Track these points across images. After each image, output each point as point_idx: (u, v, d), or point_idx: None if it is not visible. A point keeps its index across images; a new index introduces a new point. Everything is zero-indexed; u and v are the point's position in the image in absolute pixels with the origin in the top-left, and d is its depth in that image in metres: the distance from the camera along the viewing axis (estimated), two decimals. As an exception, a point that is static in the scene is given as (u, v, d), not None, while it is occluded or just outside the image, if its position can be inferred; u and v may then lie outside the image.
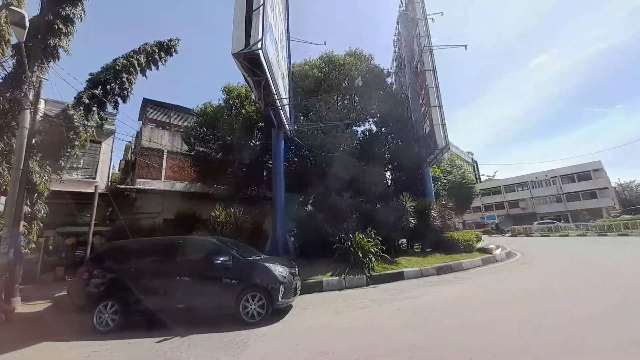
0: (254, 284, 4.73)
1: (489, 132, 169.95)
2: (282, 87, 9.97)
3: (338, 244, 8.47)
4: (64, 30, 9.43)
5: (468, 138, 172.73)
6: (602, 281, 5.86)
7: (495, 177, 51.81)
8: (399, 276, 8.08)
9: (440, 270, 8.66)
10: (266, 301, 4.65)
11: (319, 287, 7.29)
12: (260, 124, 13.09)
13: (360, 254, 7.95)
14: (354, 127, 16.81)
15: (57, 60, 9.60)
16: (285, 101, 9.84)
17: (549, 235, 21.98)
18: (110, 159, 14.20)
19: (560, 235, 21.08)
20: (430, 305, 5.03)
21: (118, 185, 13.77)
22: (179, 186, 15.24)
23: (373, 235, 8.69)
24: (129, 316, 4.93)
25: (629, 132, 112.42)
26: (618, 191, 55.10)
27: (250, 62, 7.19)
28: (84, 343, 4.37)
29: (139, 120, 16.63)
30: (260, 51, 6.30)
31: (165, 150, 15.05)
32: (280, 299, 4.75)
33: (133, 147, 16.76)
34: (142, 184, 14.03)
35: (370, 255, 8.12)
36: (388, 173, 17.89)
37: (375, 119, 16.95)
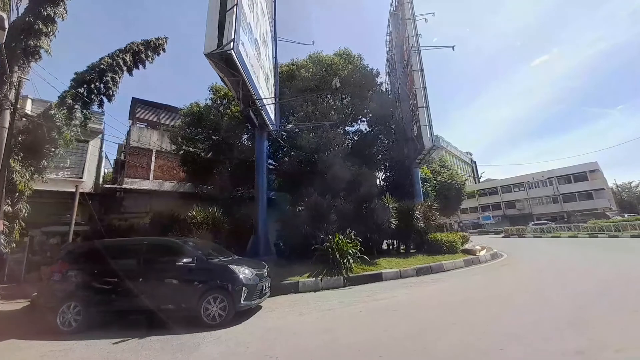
0: (216, 286, 4.73)
1: (489, 133, 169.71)
2: (264, 87, 9.94)
3: (317, 245, 8.45)
4: (45, 30, 9.40)
5: (468, 138, 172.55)
6: (572, 285, 5.82)
7: (481, 178, 51.93)
8: (377, 277, 8.07)
9: (419, 272, 8.65)
10: (228, 303, 4.64)
11: (294, 289, 7.28)
12: (249, 124, 13.08)
13: (337, 255, 7.93)
14: (347, 128, 16.83)
15: (38, 60, 9.60)
16: (267, 101, 9.82)
17: (541, 236, 21.93)
18: (99, 158, 14.19)
19: (552, 237, 21.03)
20: (392, 307, 5.02)
21: (105, 185, 13.78)
22: (167, 186, 15.25)
23: (353, 237, 8.67)
24: (92, 317, 4.94)
25: (630, 133, 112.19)
26: (616, 192, 54.98)
27: (227, 62, 7.17)
28: (45, 342, 4.42)
29: (129, 119, 16.65)
30: (232, 51, 6.28)
31: (154, 150, 15.05)
32: (242, 301, 4.73)
33: (124, 146, 16.78)
34: (129, 183, 14.04)
35: (349, 257, 8.10)
36: (381, 174, 17.91)
37: (366, 119, 16.95)
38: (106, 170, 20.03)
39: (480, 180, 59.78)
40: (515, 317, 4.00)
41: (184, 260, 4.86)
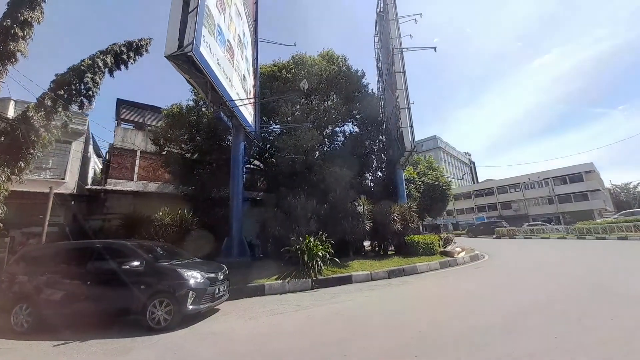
0: (163, 290, 4.72)
1: (490, 133, 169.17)
2: (239, 88, 9.94)
3: (287, 247, 8.45)
4: (21, 34, 9.44)
5: (468, 138, 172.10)
6: (534, 290, 5.73)
7: (463, 179, 52.30)
8: (347, 280, 8.04)
9: (391, 274, 8.62)
10: (173, 307, 4.64)
11: (261, 291, 7.27)
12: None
13: (305, 258, 7.92)
14: (336, 129, 16.80)
15: (15, 63, 9.64)
16: (244, 102, 9.82)
17: (531, 238, 21.84)
18: (82, 159, 14.22)
19: (541, 238, 20.93)
20: (342, 311, 5.01)
21: (86, 187, 13.81)
22: (152, 187, 15.26)
23: (324, 239, 8.66)
24: (43, 318, 4.95)
25: (631, 134, 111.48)
26: (614, 193, 54.66)
27: (194, 65, 7.17)
28: (-3, 341, 4.48)
29: (115, 120, 16.67)
30: (192, 53, 6.27)
31: (138, 151, 15.07)
32: (189, 306, 4.72)
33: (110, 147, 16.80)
34: (113, 184, 14.07)
35: (318, 259, 8.09)
36: (368, 175, 17.88)
37: (353, 120, 16.93)
38: (95, 171, 20.10)
39: (479, 181, 59.71)
40: (454, 323, 3.98)
41: (132, 263, 4.86)
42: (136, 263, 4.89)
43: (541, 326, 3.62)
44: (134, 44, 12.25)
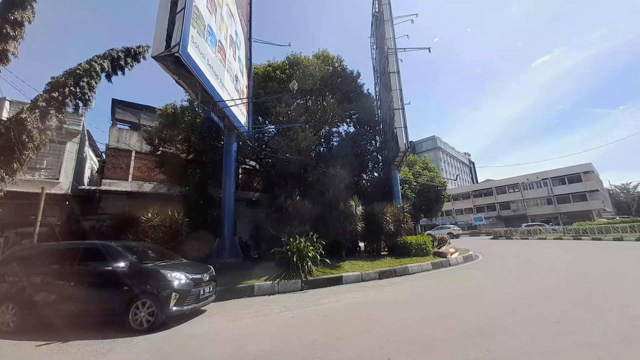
0: (145, 291, 4.72)
1: (489, 133, 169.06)
2: (231, 89, 9.94)
3: (277, 248, 8.45)
4: (12, 34, 9.46)
5: (468, 138, 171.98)
6: (519, 292, 5.73)
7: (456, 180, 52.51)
8: (337, 281, 8.03)
9: (382, 275, 8.61)
10: (156, 308, 4.63)
11: (250, 292, 7.27)
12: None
13: (295, 259, 7.92)
14: (333, 129, 16.79)
15: (6, 64, 9.65)
16: (236, 103, 9.83)
17: (528, 238, 21.82)
18: (77, 159, 14.24)
19: (538, 238, 20.90)
20: (326, 312, 5.01)
21: (81, 187, 13.83)
22: (147, 187, 15.28)
23: (315, 239, 8.65)
24: (28, 319, 4.96)
25: (631, 134, 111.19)
26: (613, 193, 54.57)
27: (183, 65, 7.16)
28: (-18, 340, 4.52)
29: (111, 121, 16.69)
30: (179, 53, 6.26)
31: (133, 151, 15.09)
32: (173, 307, 4.72)
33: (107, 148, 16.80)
34: (107, 184, 14.09)
35: (308, 260, 8.09)
36: (364, 175, 17.87)
37: (349, 121, 16.92)
38: (92, 171, 20.14)
39: (478, 181, 59.76)
40: (432, 325, 3.97)
41: (116, 264, 4.87)
42: (119, 264, 4.90)
43: (518, 328, 3.62)
44: (132, 50, 12.28)
